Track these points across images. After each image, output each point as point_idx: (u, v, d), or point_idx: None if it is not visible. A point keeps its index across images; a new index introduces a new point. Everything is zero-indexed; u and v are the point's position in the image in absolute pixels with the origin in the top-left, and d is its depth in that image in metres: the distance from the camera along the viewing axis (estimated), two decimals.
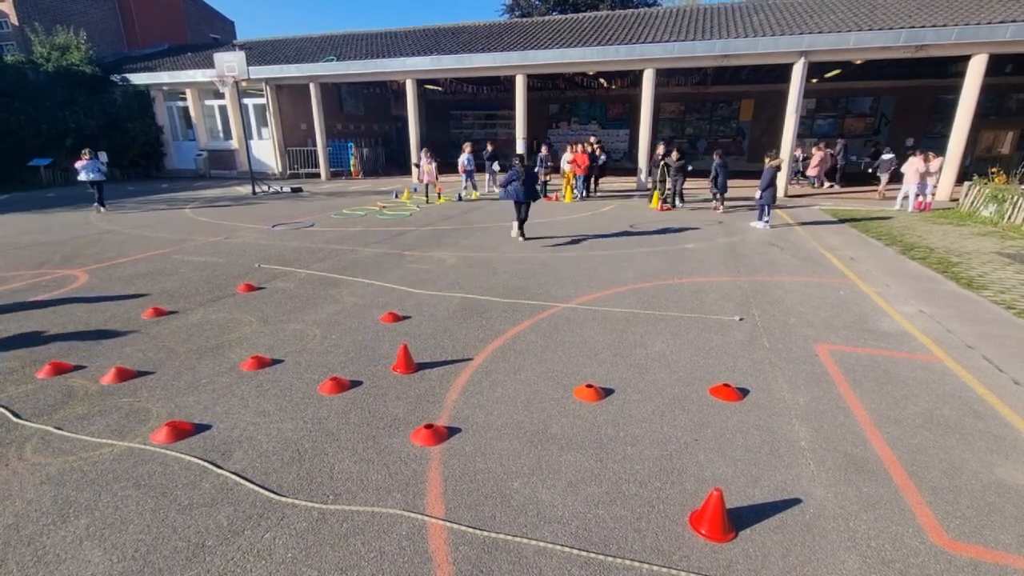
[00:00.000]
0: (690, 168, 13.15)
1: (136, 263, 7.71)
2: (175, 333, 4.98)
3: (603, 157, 15.97)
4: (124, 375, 4.02)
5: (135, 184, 19.43)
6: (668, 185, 12.92)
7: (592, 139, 15.95)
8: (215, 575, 2.23)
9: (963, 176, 13.73)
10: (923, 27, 13.10)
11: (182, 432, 3.25)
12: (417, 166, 15.43)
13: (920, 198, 12.11)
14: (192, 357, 4.43)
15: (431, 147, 15.13)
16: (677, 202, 13.04)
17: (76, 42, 21.16)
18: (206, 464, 2.98)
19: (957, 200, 12.76)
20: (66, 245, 8.96)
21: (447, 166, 19.96)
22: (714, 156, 12.37)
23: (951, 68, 17.27)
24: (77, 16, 27.75)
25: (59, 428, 3.35)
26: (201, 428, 3.35)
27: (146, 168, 21.68)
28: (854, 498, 2.71)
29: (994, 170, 12.11)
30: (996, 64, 13.42)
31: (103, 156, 14.88)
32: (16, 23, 27.89)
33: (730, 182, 12.68)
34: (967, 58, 13.22)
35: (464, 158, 15.04)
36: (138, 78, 21.00)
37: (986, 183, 11.64)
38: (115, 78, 21.10)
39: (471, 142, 15.99)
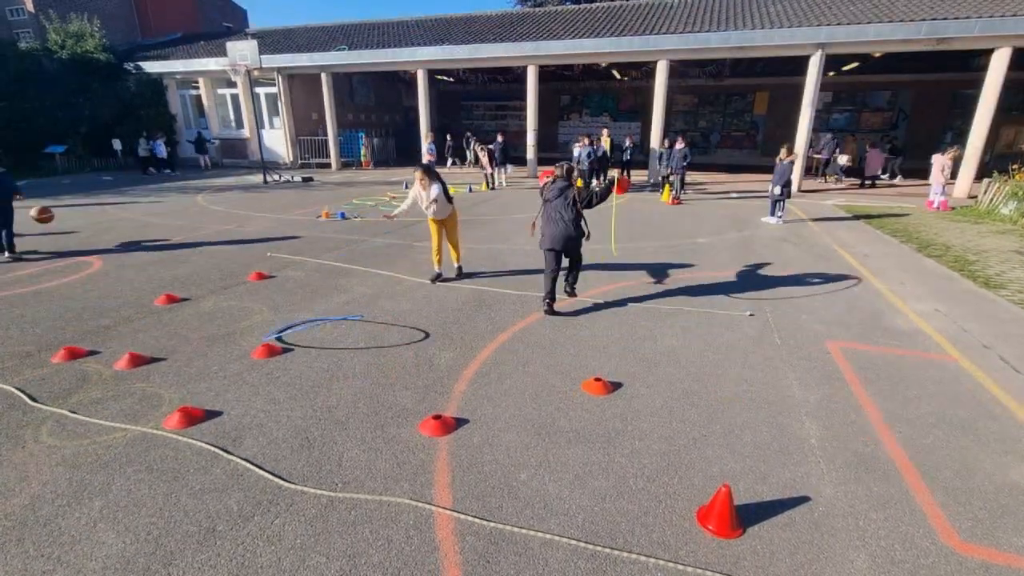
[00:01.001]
0: (688, 161, 13.14)
1: (149, 250, 7.79)
2: (187, 320, 5.03)
3: (602, 151, 15.70)
4: (137, 361, 4.07)
5: (149, 172, 19.57)
6: (669, 175, 12.99)
7: (605, 131, 15.85)
8: (225, 559, 2.26)
9: (983, 172, 13.46)
10: (945, 19, 12.79)
11: (194, 418, 3.29)
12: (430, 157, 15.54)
13: (936, 197, 11.88)
14: (204, 344, 4.48)
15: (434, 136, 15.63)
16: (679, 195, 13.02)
17: (90, 30, 21.26)
18: (217, 450, 3.01)
19: (975, 197, 12.51)
20: (81, 231, 9.06)
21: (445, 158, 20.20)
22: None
23: (973, 62, 16.88)
24: (91, 4, 27.91)
25: (74, 412, 3.41)
26: (212, 414, 3.39)
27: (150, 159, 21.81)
28: (864, 497, 2.69)
29: (1015, 167, 11.84)
30: (1020, 58, 13.08)
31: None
32: (31, 10, 28.14)
33: (742, 176, 12.59)
34: (990, 51, 12.90)
35: (426, 147, 15.10)
36: (151, 66, 21.09)
37: (1006, 180, 11.39)
38: (129, 66, 21.19)
39: (432, 132, 16.17)
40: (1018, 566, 2.28)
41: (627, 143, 16.39)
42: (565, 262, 5.36)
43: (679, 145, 12.97)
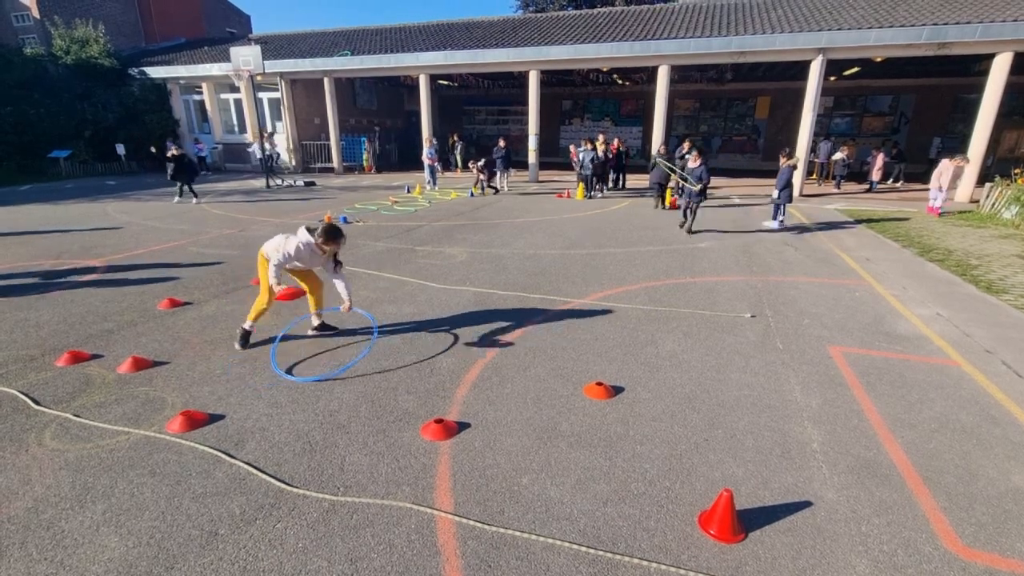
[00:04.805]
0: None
1: (152, 254, 7.83)
2: (190, 324, 5.05)
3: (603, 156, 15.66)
4: (140, 364, 4.09)
5: (152, 176, 19.67)
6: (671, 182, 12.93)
7: (601, 136, 15.88)
8: (228, 562, 2.27)
9: (984, 177, 13.46)
10: (946, 24, 12.82)
11: (196, 422, 3.30)
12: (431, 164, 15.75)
13: (934, 202, 11.86)
14: (206, 348, 4.49)
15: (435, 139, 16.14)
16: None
17: (95, 35, 21.42)
18: (219, 454, 3.02)
19: (978, 202, 12.50)
20: (84, 236, 9.10)
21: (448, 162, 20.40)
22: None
23: (974, 66, 16.90)
24: (96, 10, 28.13)
25: (77, 416, 3.42)
26: (215, 418, 3.40)
27: (162, 160, 21.93)
28: (866, 502, 2.68)
29: (1017, 171, 11.83)
30: (1022, 62, 13.10)
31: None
32: (37, 16, 28.35)
33: (743, 180, 12.48)
34: (991, 56, 12.93)
35: (427, 151, 15.49)
36: (155, 71, 21.23)
37: (1008, 184, 11.38)
38: (133, 71, 21.35)
39: (432, 137, 16.60)
40: (1021, 572, 2.27)
41: (615, 147, 16.14)
42: None
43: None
